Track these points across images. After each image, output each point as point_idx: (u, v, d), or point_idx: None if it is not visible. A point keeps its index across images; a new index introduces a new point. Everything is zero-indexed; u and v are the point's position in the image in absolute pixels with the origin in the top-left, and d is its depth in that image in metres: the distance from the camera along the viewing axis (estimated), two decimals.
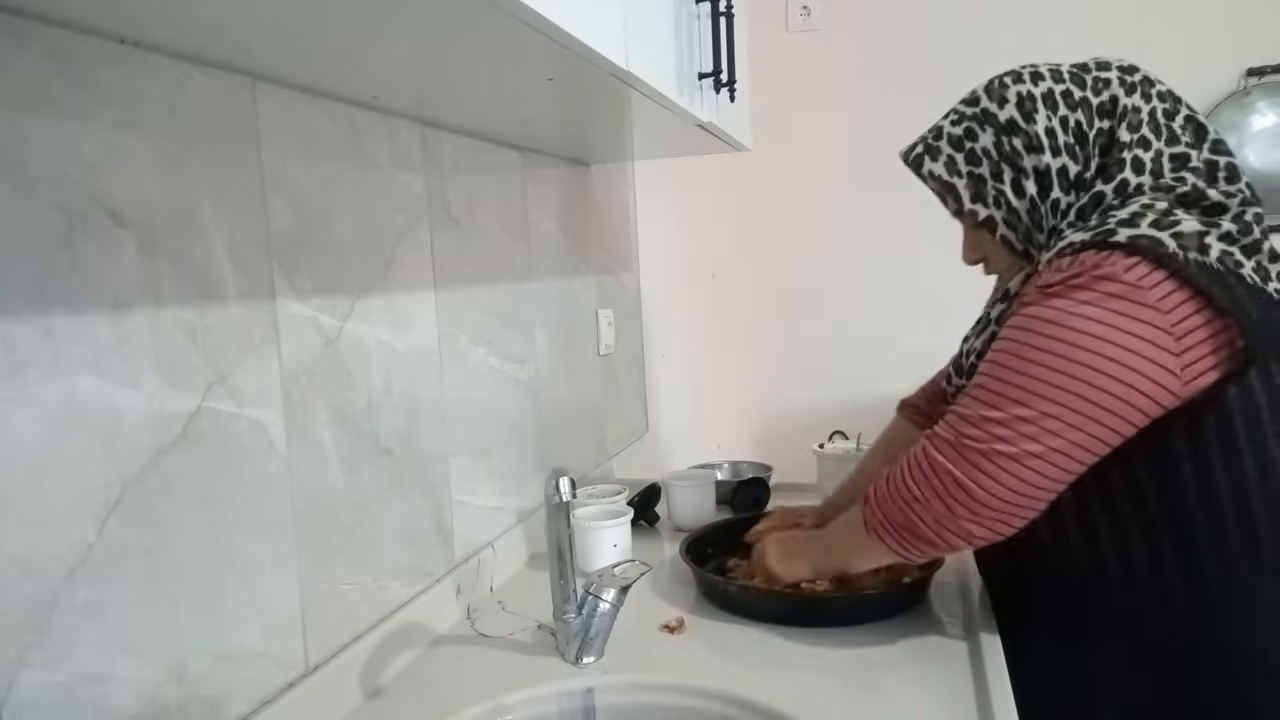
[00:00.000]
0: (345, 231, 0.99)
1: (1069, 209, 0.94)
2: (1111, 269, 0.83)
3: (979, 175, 0.99)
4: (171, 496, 0.74)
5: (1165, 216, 0.86)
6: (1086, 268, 0.84)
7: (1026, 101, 0.95)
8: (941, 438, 0.90)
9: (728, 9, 1.21)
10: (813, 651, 1.02)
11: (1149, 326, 0.81)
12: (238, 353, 0.82)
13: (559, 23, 0.72)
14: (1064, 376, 0.83)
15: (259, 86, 0.85)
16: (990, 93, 0.98)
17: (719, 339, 2.79)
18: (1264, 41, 2.50)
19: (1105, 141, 0.93)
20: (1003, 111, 0.96)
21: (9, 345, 0.61)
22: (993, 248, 1.02)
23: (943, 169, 1.01)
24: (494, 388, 1.33)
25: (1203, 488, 0.87)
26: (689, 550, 1.25)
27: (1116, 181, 0.91)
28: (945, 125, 1.02)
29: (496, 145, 1.35)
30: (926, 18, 2.71)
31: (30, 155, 0.63)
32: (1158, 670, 0.91)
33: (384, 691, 0.98)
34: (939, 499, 0.88)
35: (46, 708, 0.64)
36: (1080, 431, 0.83)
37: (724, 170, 2.66)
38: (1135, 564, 0.91)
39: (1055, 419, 0.83)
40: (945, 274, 2.73)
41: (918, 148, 1.05)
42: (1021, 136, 0.95)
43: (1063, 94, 0.94)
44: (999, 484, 0.85)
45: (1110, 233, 0.86)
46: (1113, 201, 0.91)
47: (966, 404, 0.89)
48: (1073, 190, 0.94)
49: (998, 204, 0.98)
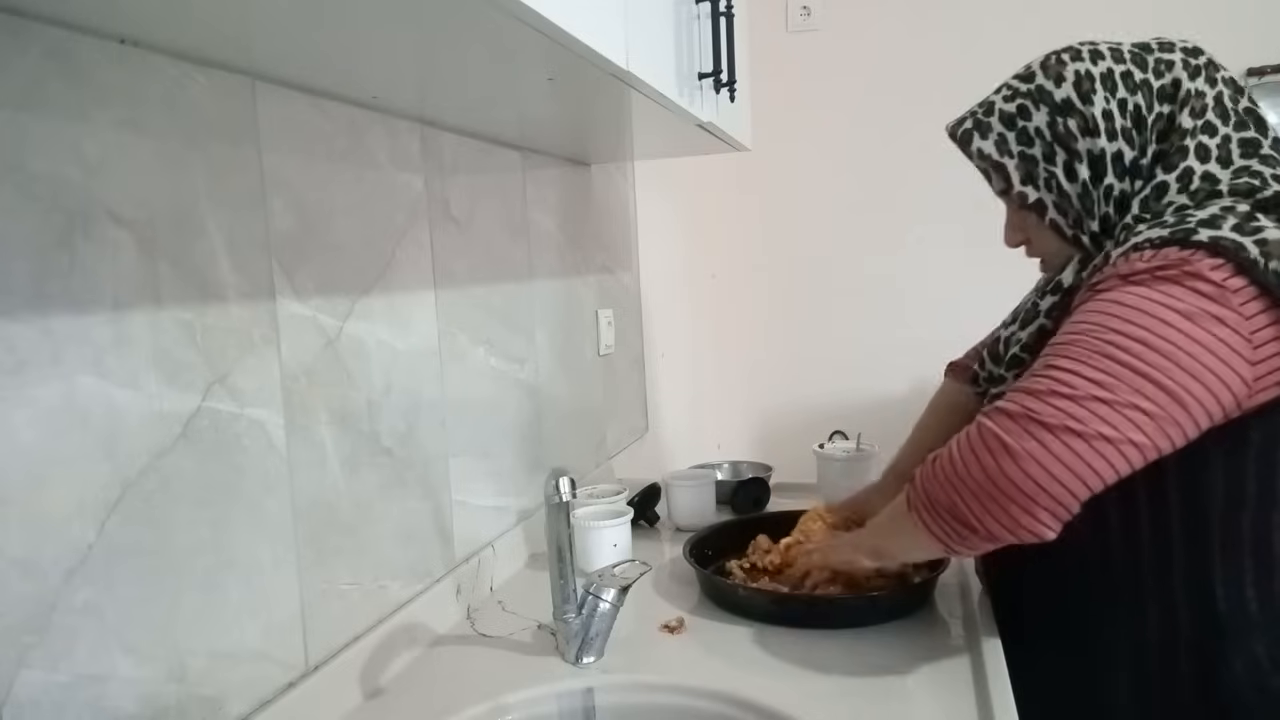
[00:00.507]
0: (345, 231, 0.99)
1: (1124, 196, 0.91)
2: (1199, 266, 0.79)
3: (1031, 155, 0.94)
4: (171, 496, 0.74)
5: (1247, 221, 0.81)
6: (1173, 261, 0.80)
7: (1084, 81, 0.91)
8: (1002, 410, 0.82)
9: (728, 9, 1.21)
10: (813, 653, 1.02)
11: (1231, 331, 0.77)
12: (238, 353, 0.82)
13: (559, 23, 0.72)
14: (1151, 368, 0.77)
15: (259, 86, 0.85)
16: (1046, 70, 0.94)
17: (719, 339, 2.79)
18: (1264, 41, 2.50)
19: (1164, 127, 0.89)
20: (1059, 90, 0.92)
21: (9, 345, 0.61)
22: (1039, 231, 0.98)
23: (993, 147, 0.96)
24: (494, 388, 1.33)
25: (1230, 504, 0.84)
26: (692, 551, 1.25)
27: (1180, 170, 0.87)
28: (997, 101, 0.97)
29: (496, 145, 1.35)
30: (927, 17, 2.71)
31: (30, 155, 0.63)
32: (1161, 681, 0.90)
33: (384, 691, 0.98)
34: (985, 473, 0.80)
35: (46, 708, 0.64)
36: (1157, 427, 0.77)
37: (724, 170, 2.66)
38: (1142, 572, 0.90)
39: (1137, 409, 0.77)
40: (945, 273, 2.74)
41: (966, 122, 1.00)
42: (1077, 118, 0.91)
43: (1123, 75, 0.91)
44: (1060, 461, 0.77)
45: (1191, 231, 0.81)
46: (1178, 195, 0.87)
47: (1036, 381, 0.82)
48: (1127, 177, 0.90)
49: (1049, 187, 0.94)
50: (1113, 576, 0.92)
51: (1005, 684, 0.90)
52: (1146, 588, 0.90)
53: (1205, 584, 0.87)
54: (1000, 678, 0.91)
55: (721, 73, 1.23)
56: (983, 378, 1.06)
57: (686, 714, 0.94)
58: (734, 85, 1.27)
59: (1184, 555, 0.88)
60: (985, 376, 1.06)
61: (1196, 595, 0.88)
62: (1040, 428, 0.78)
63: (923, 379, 1.34)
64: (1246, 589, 0.87)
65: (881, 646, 1.03)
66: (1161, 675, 0.90)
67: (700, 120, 1.27)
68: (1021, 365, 0.97)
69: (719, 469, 1.73)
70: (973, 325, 1.35)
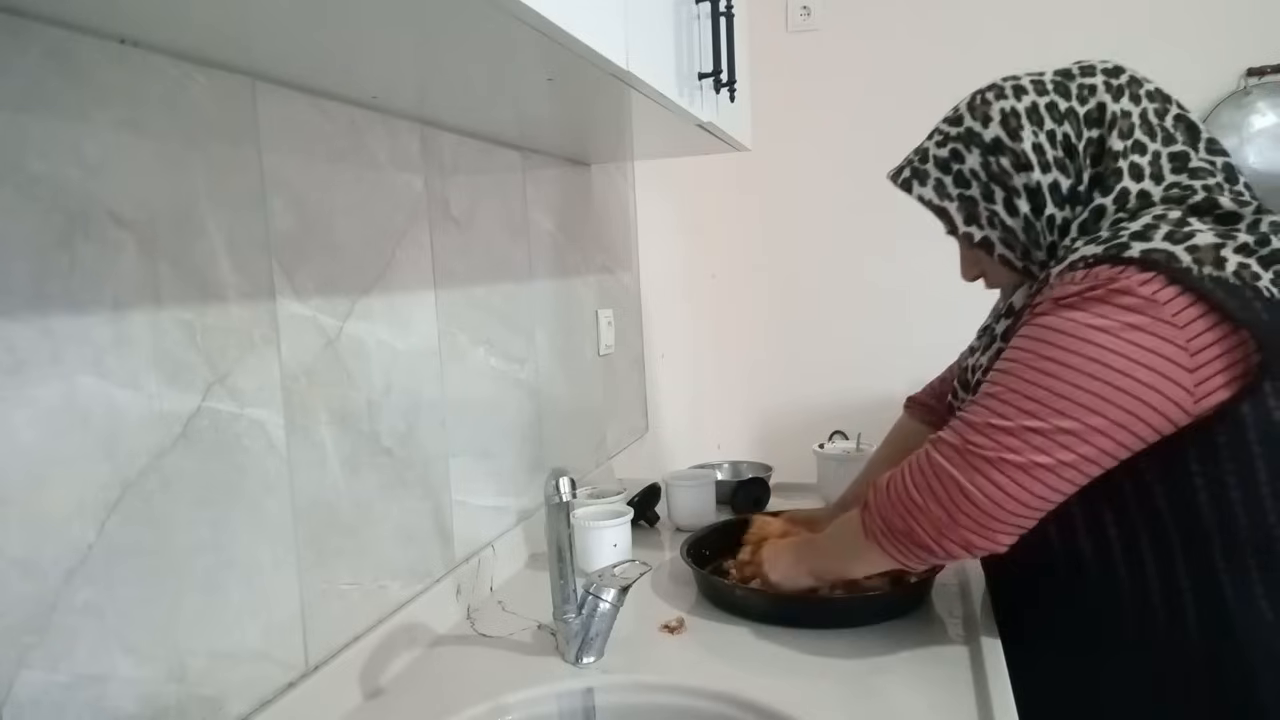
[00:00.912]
0: (345, 231, 0.99)
1: (1066, 224, 0.93)
2: (1127, 283, 0.80)
3: (970, 197, 0.97)
4: (171, 496, 0.74)
5: (1179, 228, 0.83)
6: (1101, 280, 0.82)
7: (1011, 118, 0.93)
8: (946, 443, 0.88)
9: (728, 9, 1.21)
10: (812, 653, 1.02)
11: (1165, 343, 0.79)
12: (238, 353, 0.82)
13: (559, 23, 0.72)
14: (1078, 390, 0.81)
15: (259, 86, 0.85)
16: (973, 110, 0.96)
17: (719, 339, 2.79)
18: (1264, 41, 2.50)
19: (1096, 151, 0.91)
20: (987, 130, 0.94)
21: (9, 345, 0.62)
22: (991, 265, 1.01)
23: (932, 193, 0.99)
24: (494, 388, 1.33)
25: (1217, 503, 0.85)
26: (690, 552, 1.25)
27: (1116, 192, 0.89)
28: (930, 147, 1.00)
29: (496, 145, 1.35)
30: (927, 17, 2.71)
31: (30, 155, 0.63)
32: (1166, 682, 0.90)
33: (384, 691, 0.98)
34: (940, 506, 0.86)
35: (46, 708, 0.64)
36: (1091, 446, 0.81)
37: (724, 170, 2.66)
38: (1147, 575, 0.90)
39: (1068, 433, 0.81)
40: (945, 273, 2.74)
41: (905, 171, 1.03)
42: (1009, 155, 0.93)
43: (1047, 106, 0.92)
44: (1004, 493, 0.83)
45: (1124, 246, 0.83)
46: (1118, 215, 0.89)
47: (974, 411, 0.87)
48: (1067, 205, 0.92)
49: (992, 224, 0.96)
50: (1116, 578, 0.92)
51: (1005, 684, 0.90)
52: (1153, 590, 0.90)
53: (1213, 585, 0.87)
54: (1000, 678, 0.91)
55: (721, 73, 1.23)
56: (957, 407, 1.07)
57: (686, 714, 0.94)
58: (734, 85, 1.27)
59: (1185, 560, 0.88)
60: (959, 406, 1.06)
61: (1205, 596, 0.88)
62: (983, 461, 0.84)
63: (922, 379, 1.34)
64: (1255, 586, 0.87)
65: (881, 646, 1.03)
66: (1167, 676, 0.90)
67: (700, 120, 1.27)
68: None
69: (719, 469, 1.73)
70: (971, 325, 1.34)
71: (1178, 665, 0.89)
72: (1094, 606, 0.94)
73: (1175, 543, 0.88)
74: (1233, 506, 0.85)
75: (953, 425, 0.89)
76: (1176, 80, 0.97)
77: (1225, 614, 0.87)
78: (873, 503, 0.94)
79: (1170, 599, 0.89)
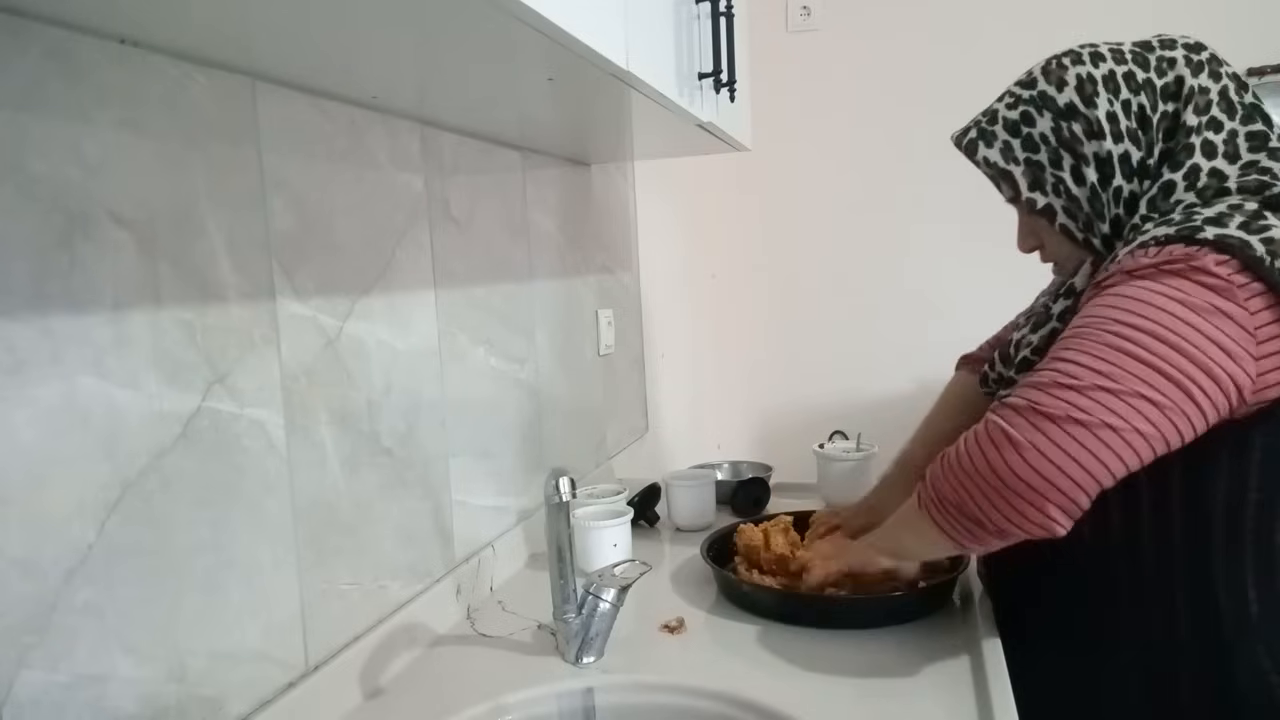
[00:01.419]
0: (345, 231, 0.99)
1: (1133, 197, 0.90)
2: (1204, 261, 0.79)
3: (1037, 162, 0.94)
4: (171, 496, 0.74)
5: (1254, 220, 0.81)
6: (1178, 256, 0.80)
7: (1087, 85, 0.91)
8: (1009, 406, 0.81)
9: (728, 9, 1.21)
10: (813, 653, 1.02)
11: (1236, 326, 0.77)
12: (238, 353, 0.82)
13: (559, 23, 0.72)
14: (1157, 358, 0.77)
15: (259, 86, 0.85)
16: (1048, 75, 0.94)
17: (719, 339, 2.79)
18: (1264, 41, 2.50)
19: (1170, 125, 0.89)
20: (1061, 95, 0.92)
21: (9, 345, 0.61)
22: (1050, 236, 0.98)
23: (998, 155, 0.96)
24: (494, 388, 1.33)
25: (1231, 505, 0.84)
26: (709, 550, 1.25)
27: (1186, 168, 0.88)
28: (1000, 108, 0.97)
29: (496, 145, 1.35)
30: (927, 17, 2.71)
31: (30, 155, 0.63)
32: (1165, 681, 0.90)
33: (384, 691, 0.98)
34: (992, 469, 0.79)
35: (46, 708, 0.64)
36: (1165, 418, 0.76)
37: (724, 170, 2.66)
38: (1144, 570, 0.89)
39: (1144, 398, 0.76)
40: (945, 273, 2.74)
41: (971, 132, 1.00)
42: (1081, 122, 0.91)
43: (1125, 76, 0.91)
44: (1065, 453, 0.76)
45: (1197, 229, 0.81)
46: (1185, 194, 0.87)
47: (1040, 375, 0.81)
48: (1135, 178, 0.90)
49: (1057, 191, 0.94)
50: (1114, 576, 0.92)
51: (1006, 687, 0.90)
52: (1149, 587, 0.90)
53: (1207, 584, 0.87)
54: (1000, 679, 0.91)
55: (721, 73, 1.23)
56: (992, 379, 1.06)
57: (686, 714, 0.94)
58: (734, 85, 1.27)
59: (1185, 555, 0.88)
60: (995, 378, 1.05)
61: (1199, 595, 0.88)
62: (1044, 419, 0.78)
63: (923, 379, 1.34)
64: (1249, 590, 0.87)
65: (882, 647, 1.03)
66: (1164, 675, 0.90)
67: (700, 120, 1.27)
68: (1030, 369, 0.96)
69: (719, 469, 1.73)
70: (971, 325, 1.35)
71: (1173, 665, 0.89)
72: (1092, 606, 0.94)
73: (1176, 536, 0.87)
74: (1246, 506, 0.84)
75: (1016, 390, 0.83)
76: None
77: (1218, 615, 0.87)
78: (929, 474, 0.88)
79: (1165, 598, 0.89)
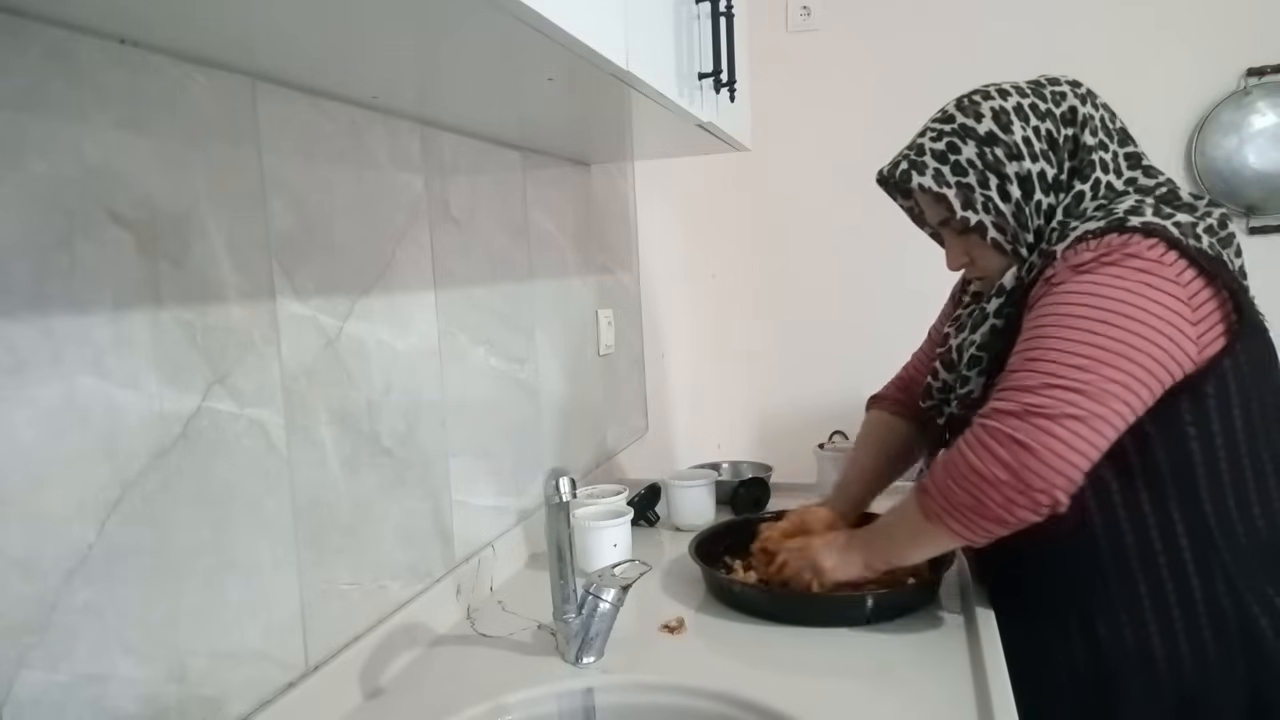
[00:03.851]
0: (345, 231, 0.99)
1: (1051, 209, 1.03)
2: (1137, 248, 0.91)
3: (967, 184, 1.04)
4: (171, 496, 0.74)
5: (1159, 210, 0.95)
6: (1114, 247, 0.92)
7: (1001, 115, 1.03)
8: (1002, 412, 0.91)
9: (728, 9, 1.21)
10: (812, 653, 1.02)
11: (1173, 299, 0.90)
12: (238, 353, 0.82)
13: (559, 23, 0.72)
14: (1118, 343, 0.89)
15: (259, 86, 0.85)
16: (964, 109, 1.06)
17: (719, 339, 2.79)
18: (1264, 41, 2.50)
19: (1072, 146, 1.03)
20: (980, 125, 1.03)
21: (9, 345, 0.61)
22: (982, 250, 1.07)
23: (931, 181, 1.06)
24: (494, 388, 1.33)
25: (1206, 452, 0.95)
26: (698, 550, 1.25)
27: (1092, 180, 1.02)
28: (925, 142, 1.08)
29: (496, 145, 1.35)
30: (927, 17, 2.71)
31: (30, 155, 0.63)
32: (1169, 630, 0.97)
33: (384, 691, 0.98)
34: (1008, 470, 0.89)
35: (46, 708, 0.64)
36: (1133, 394, 0.89)
37: (724, 170, 2.66)
38: (1148, 528, 0.97)
39: (1116, 382, 0.88)
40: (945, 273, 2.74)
41: (901, 164, 1.09)
42: (1002, 146, 1.02)
43: (1030, 106, 1.03)
44: (1068, 446, 0.87)
45: (1122, 220, 0.94)
46: (1091, 201, 1.01)
47: (1022, 378, 0.92)
48: (1052, 191, 1.03)
49: (986, 209, 1.04)
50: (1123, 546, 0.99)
51: (1005, 686, 0.90)
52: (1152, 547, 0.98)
53: (1204, 533, 0.97)
54: (1000, 677, 0.91)
55: (721, 73, 1.23)
56: (936, 389, 1.15)
57: (686, 714, 0.94)
58: (734, 85, 1.27)
59: (1180, 512, 0.97)
60: (939, 387, 1.14)
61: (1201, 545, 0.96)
62: (1043, 419, 0.89)
63: None
64: (1236, 525, 0.97)
65: (880, 645, 1.03)
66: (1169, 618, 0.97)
67: (700, 120, 1.27)
68: (980, 363, 1.07)
69: (719, 469, 1.74)
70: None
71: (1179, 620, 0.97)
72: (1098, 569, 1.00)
73: (1170, 497, 0.97)
74: (1218, 455, 0.96)
75: (1002, 396, 0.93)
76: (1177, 80, 1.02)
77: (1221, 567, 0.96)
78: (932, 486, 0.96)
79: (1172, 555, 0.97)
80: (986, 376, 1.05)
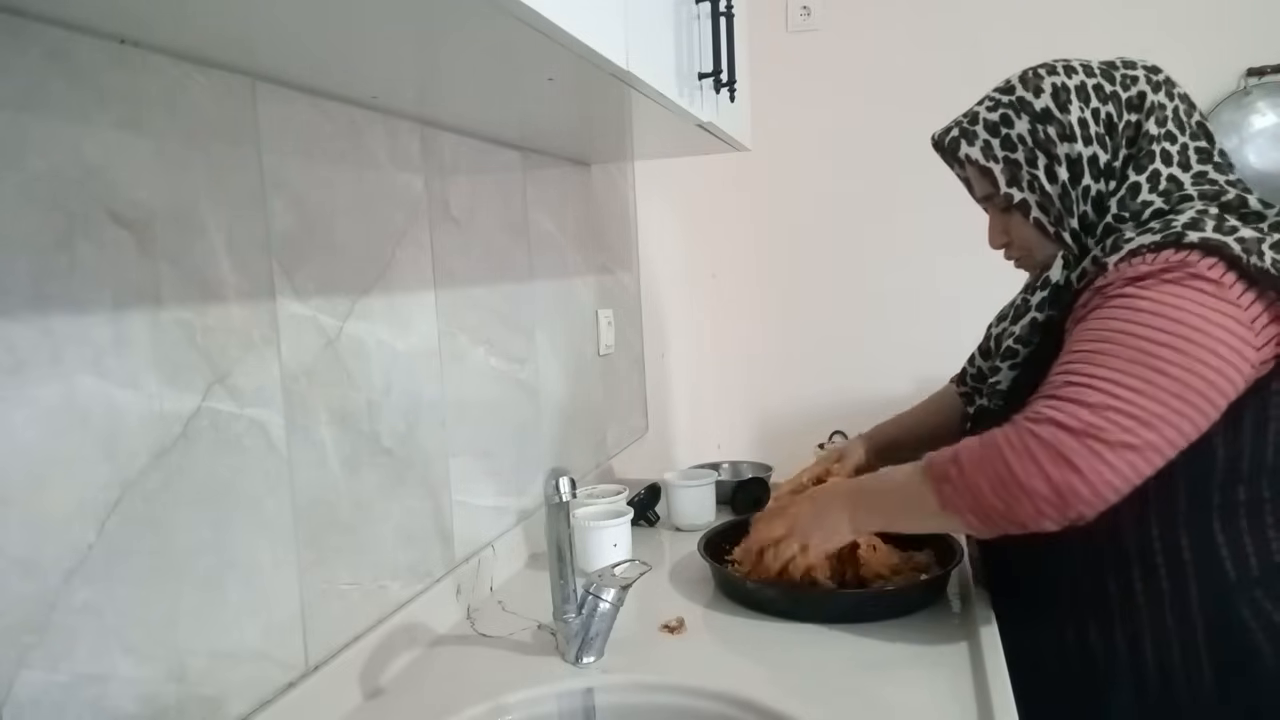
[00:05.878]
0: (345, 231, 0.99)
1: (1100, 196, 0.98)
2: (1198, 267, 0.87)
3: (1014, 160, 1.01)
4: (171, 496, 0.74)
5: (1221, 223, 0.90)
6: (1174, 263, 0.88)
7: (1061, 92, 0.99)
8: (1057, 424, 0.86)
9: (728, 9, 1.21)
10: (812, 652, 1.02)
11: (1235, 322, 0.86)
12: (238, 353, 0.82)
13: (559, 23, 0.72)
14: (1181, 369, 0.84)
15: (259, 86, 0.85)
16: (1026, 82, 1.01)
17: (719, 339, 2.79)
18: (1264, 41, 2.50)
19: (1133, 133, 0.98)
20: (1038, 100, 0.99)
21: (9, 345, 0.61)
22: (1023, 230, 1.04)
23: (979, 153, 1.03)
24: (494, 388, 1.33)
25: (1228, 472, 0.93)
26: (707, 547, 1.25)
27: (1149, 171, 0.96)
28: (980, 110, 1.04)
29: (496, 145, 1.35)
30: (927, 18, 2.71)
31: (30, 155, 0.63)
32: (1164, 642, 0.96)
33: (384, 691, 0.98)
34: (1051, 488, 0.85)
35: (46, 708, 0.64)
36: (1189, 422, 0.85)
37: (724, 170, 2.66)
38: (1152, 540, 0.95)
39: (1175, 411, 0.84)
40: (945, 273, 2.74)
41: (953, 131, 1.06)
42: (1056, 125, 0.98)
43: (1094, 87, 0.99)
44: (1118, 475, 0.84)
45: (1180, 234, 0.89)
46: (1150, 195, 0.96)
47: (1081, 392, 0.87)
48: (1102, 178, 0.98)
49: (1031, 188, 1.01)
50: (1127, 556, 0.97)
51: (1005, 684, 0.90)
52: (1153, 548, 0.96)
53: (1210, 544, 0.94)
54: (1000, 676, 0.91)
55: (721, 73, 1.23)
56: (970, 375, 1.13)
57: (686, 714, 0.94)
58: (734, 85, 1.27)
59: (1188, 523, 0.95)
60: (973, 374, 1.13)
61: (1204, 554, 0.95)
62: (1100, 444, 0.84)
63: (923, 379, 1.35)
64: (1246, 547, 0.94)
65: (882, 644, 1.03)
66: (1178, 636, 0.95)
67: (700, 120, 1.27)
68: (1015, 355, 1.05)
69: (719, 469, 1.73)
70: (972, 325, 1.35)
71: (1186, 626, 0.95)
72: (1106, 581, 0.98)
73: (1182, 511, 0.94)
74: (1240, 477, 0.93)
75: (1056, 405, 0.87)
76: (1176, 80, 1.00)
77: (1225, 584, 0.94)
78: (959, 479, 0.92)
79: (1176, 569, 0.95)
80: (1018, 371, 1.04)
